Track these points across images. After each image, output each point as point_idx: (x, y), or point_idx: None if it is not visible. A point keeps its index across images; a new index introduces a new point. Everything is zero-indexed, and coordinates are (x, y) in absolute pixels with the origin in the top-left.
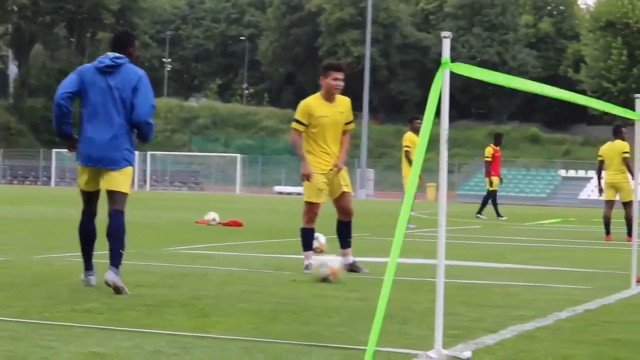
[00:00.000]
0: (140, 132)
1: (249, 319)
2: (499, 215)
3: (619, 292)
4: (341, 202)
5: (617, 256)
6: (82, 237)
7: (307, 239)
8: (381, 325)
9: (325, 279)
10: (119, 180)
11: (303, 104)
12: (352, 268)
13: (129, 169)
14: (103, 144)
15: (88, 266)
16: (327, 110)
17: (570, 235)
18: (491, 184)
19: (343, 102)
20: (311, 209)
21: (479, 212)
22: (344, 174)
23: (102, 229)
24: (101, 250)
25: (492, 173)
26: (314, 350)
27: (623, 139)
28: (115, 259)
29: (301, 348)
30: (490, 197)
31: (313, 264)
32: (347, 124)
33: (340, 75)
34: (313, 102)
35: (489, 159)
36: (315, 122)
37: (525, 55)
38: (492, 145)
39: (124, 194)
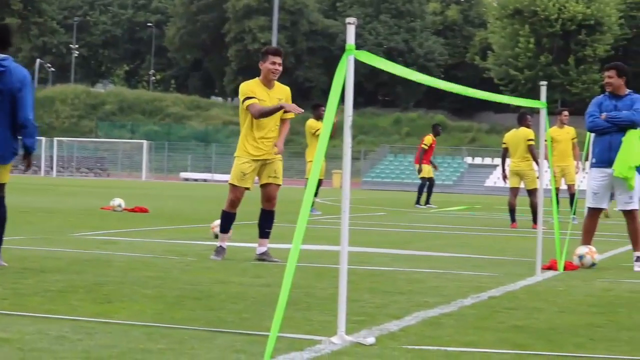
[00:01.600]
0: (26, 131)
1: (153, 304)
2: (419, 203)
3: (523, 279)
4: (265, 190)
5: (523, 243)
6: None
7: (224, 222)
8: (284, 311)
9: None
10: (4, 173)
11: (243, 84)
12: (262, 257)
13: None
14: None
15: None
16: (264, 94)
17: (476, 223)
18: (420, 171)
19: (282, 91)
20: (233, 191)
21: (427, 202)
22: (278, 166)
23: None
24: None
25: (424, 161)
26: (217, 336)
27: (528, 127)
28: None
29: (205, 334)
30: (424, 184)
31: None
32: (285, 112)
33: (277, 60)
34: (252, 84)
35: (426, 147)
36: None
37: (432, 43)
38: (431, 134)
39: (6, 183)
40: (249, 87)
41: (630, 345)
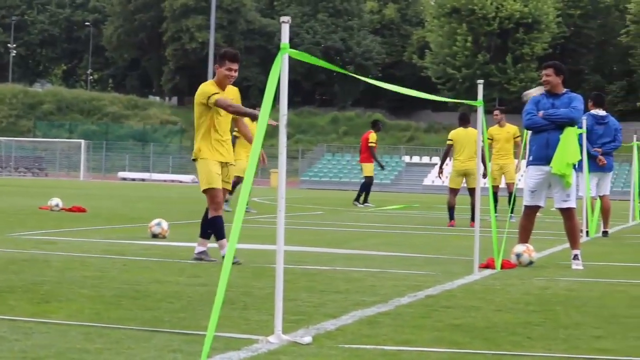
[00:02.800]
0: None
1: (91, 304)
2: (358, 201)
3: (461, 277)
4: None
5: (460, 242)
6: None
7: (220, 229)
8: (221, 310)
9: None
10: None
11: (204, 85)
12: (200, 257)
13: None
14: None
15: None
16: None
17: (414, 221)
18: (371, 170)
19: (232, 91)
20: (215, 194)
21: (365, 200)
22: (231, 171)
23: None
24: None
25: (370, 159)
26: (154, 336)
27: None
28: None
29: (142, 333)
30: (370, 183)
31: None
32: None
33: (235, 66)
34: (211, 85)
35: (374, 144)
36: (213, 105)
37: (370, 42)
38: (373, 131)
39: None
40: (212, 86)
41: (567, 344)
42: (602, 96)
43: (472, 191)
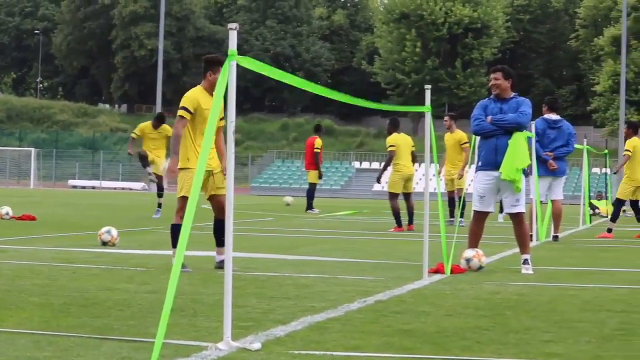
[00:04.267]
0: None
1: (40, 312)
2: (311, 208)
3: (410, 282)
4: (215, 201)
5: (409, 247)
6: None
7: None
8: (170, 317)
9: None
10: None
11: (190, 94)
12: (222, 266)
13: None
14: None
15: None
16: (209, 102)
17: (363, 227)
18: (320, 176)
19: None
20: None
21: (310, 207)
22: (221, 176)
23: None
24: None
25: (317, 165)
26: (103, 343)
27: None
28: None
29: (91, 341)
30: (313, 190)
31: None
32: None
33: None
34: (199, 94)
35: (319, 150)
36: (200, 113)
37: (319, 48)
38: (317, 136)
39: None
40: (195, 96)
41: (517, 348)
42: (557, 101)
43: (407, 196)
